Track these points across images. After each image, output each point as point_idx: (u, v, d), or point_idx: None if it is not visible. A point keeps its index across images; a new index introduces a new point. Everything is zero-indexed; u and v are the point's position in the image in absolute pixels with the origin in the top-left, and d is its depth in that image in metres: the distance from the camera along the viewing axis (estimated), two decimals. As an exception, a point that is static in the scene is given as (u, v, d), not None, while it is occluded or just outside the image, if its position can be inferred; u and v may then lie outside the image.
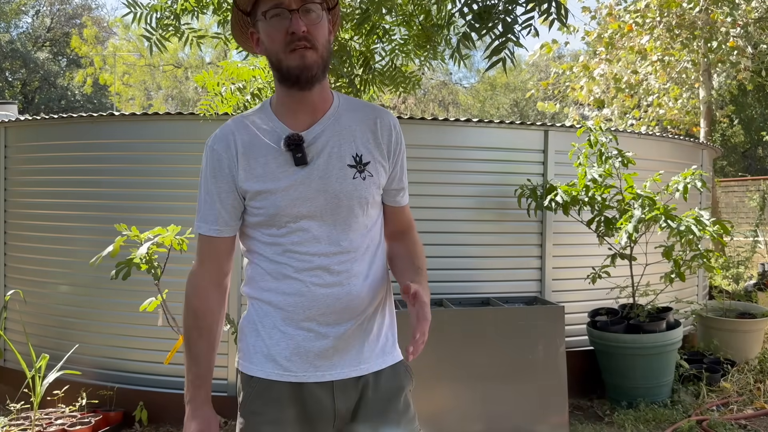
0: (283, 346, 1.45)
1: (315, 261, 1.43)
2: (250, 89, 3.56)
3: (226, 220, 1.47)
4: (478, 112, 24.06)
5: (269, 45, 1.40)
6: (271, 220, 1.43)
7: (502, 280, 4.42)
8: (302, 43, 1.36)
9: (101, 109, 21.97)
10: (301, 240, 1.43)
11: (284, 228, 1.43)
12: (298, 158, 1.41)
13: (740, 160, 20.23)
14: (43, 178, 4.52)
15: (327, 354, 1.44)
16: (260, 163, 1.43)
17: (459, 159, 4.37)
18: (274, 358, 1.45)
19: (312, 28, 1.37)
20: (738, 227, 10.25)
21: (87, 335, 4.28)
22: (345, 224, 1.45)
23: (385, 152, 1.50)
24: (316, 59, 1.38)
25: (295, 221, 1.42)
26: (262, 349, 1.47)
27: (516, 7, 2.07)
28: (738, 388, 4.50)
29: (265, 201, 1.42)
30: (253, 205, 1.44)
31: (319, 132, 1.45)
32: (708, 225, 3.89)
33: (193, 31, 3.07)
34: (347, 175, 1.44)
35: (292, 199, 1.41)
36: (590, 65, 10.25)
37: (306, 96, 1.44)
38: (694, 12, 8.54)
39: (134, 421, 4.00)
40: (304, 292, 1.43)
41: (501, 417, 3.62)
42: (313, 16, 1.38)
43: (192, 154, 4.17)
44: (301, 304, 1.43)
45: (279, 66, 1.40)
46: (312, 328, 1.44)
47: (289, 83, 1.41)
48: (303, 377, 1.44)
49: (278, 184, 1.41)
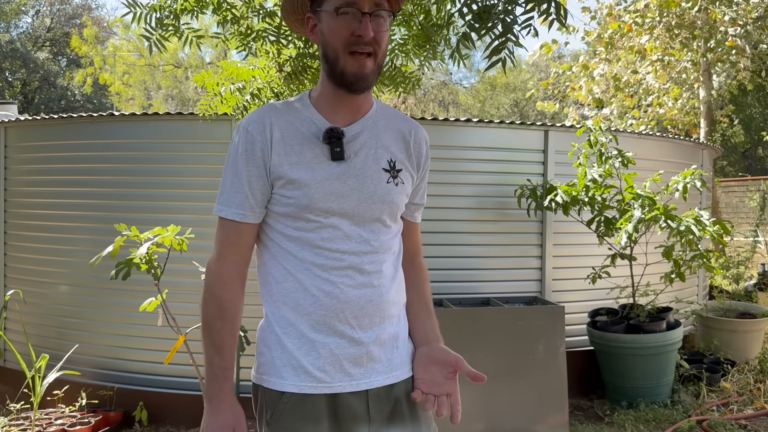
0: (314, 356, 1.36)
1: (346, 259, 1.37)
2: (249, 89, 3.56)
3: (252, 206, 1.38)
4: (478, 112, 24.06)
5: (331, 39, 1.36)
6: (300, 212, 1.37)
7: (502, 280, 4.42)
8: (367, 48, 1.34)
9: (101, 109, 21.98)
10: (332, 237, 1.37)
11: (313, 223, 1.37)
12: (337, 153, 1.37)
13: (740, 160, 20.23)
14: (43, 178, 4.52)
15: (361, 361, 1.38)
16: (296, 151, 1.37)
17: (459, 159, 4.37)
18: (307, 370, 1.36)
19: (378, 34, 1.35)
20: (738, 227, 10.26)
21: (87, 335, 4.28)
22: (375, 226, 1.42)
23: (415, 164, 1.50)
24: (373, 68, 1.37)
25: (326, 217, 1.37)
26: (290, 361, 1.37)
27: (515, 8, 2.06)
28: (738, 388, 4.50)
29: (297, 191, 1.36)
30: (283, 194, 1.37)
31: (359, 131, 1.42)
32: (708, 225, 3.88)
33: (192, 30, 3.06)
34: (382, 178, 1.42)
35: (326, 193, 1.36)
36: (590, 65, 10.25)
37: (353, 98, 1.42)
38: (693, 12, 8.54)
39: (134, 421, 4.00)
40: (336, 293, 1.36)
41: (501, 417, 3.62)
42: (381, 22, 1.36)
43: (192, 154, 4.18)
44: (332, 307, 1.36)
45: (335, 64, 1.37)
46: (345, 333, 1.37)
47: (339, 84, 1.39)
48: (338, 388, 1.37)
49: (313, 175, 1.36)
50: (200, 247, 3.99)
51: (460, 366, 1.39)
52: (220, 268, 1.40)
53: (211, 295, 1.41)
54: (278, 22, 3.09)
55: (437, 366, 1.42)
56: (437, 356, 1.43)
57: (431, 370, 1.42)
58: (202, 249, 4.01)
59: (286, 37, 3.12)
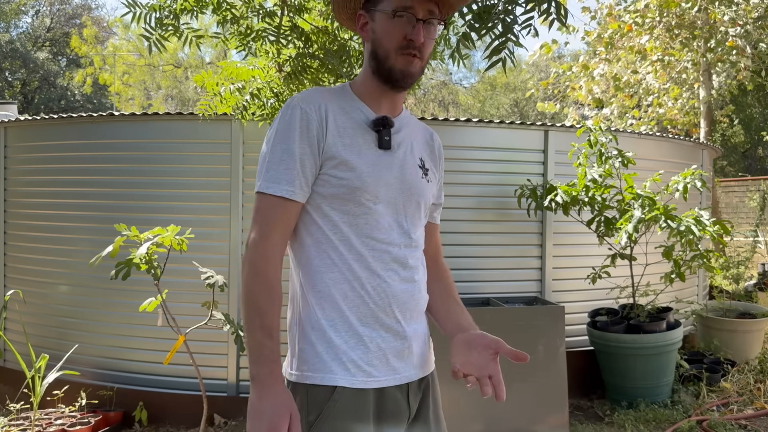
0: (363, 350, 1.36)
1: (392, 252, 1.39)
2: (249, 89, 3.56)
3: (301, 184, 1.35)
4: (478, 112, 24.06)
5: (383, 39, 1.40)
6: (351, 193, 1.36)
7: (502, 280, 4.42)
8: (415, 52, 1.39)
9: (101, 109, 21.98)
10: (379, 225, 1.38)
11: (363, 207, 1.37)
12: (386, 141, 1.41)
13: (740, 160, 20.23)
14: (43, 178, 4.52)
15: (403, 355, 1.40)
16: (348, 134, 1.39)
17: (459, 159, 4.37)
18: (357, 364, 1.35)
19: (427, 41, 1.40)
20: (738, 227, 10.27)
21: (87, 335, 4.28)
22: (414, 219, 1.46)
23: (437, 165, 1.59)
24: (420, 69, 1.43)
25: (375, 203, 1.38)
26: (339, 356, 1.34)
27: (516, 7, 2.06)
28: (738, 388, 4.50)
29: (349, 172, 1.36)
30: (334, 174, 1.36)
31: (400, 126, 1.48)
32: (708, 225, 3.88)
33: (192, 30, 3.06)
34: (418, 173, 1.48)
35: (376, 177, 1.38)
36: (590, 65, 10.25)
37: (394, 95, 1.47)
38: (693, 12, 8.55)
39: (134, 421, 3.99)
40: (384, 287, 1.37)
41: (501, 417, 3.62)
42: (431, 29, 1.41)
43: (192, 154, 4.18)
44: (380, 301, 1.37)
45: (384, 62, 1.40)
46: (391, 327, 1.38)
47: (385, 80, 1.42)
48: (385, 381, 1.37)
49: (364, 159, 1.38)
50: (200, 247, 4.00)
51: (501, 347, 1.39)
52: (267, 247, 1.33)
53: (258, 276, 1.32)
54: (278, 22, 3.09)
55: (477, 350, 1.41)
56: (477, 341, 1.42)
57: (472, 355, 1.41)
58: (202, 249, 4.01)
59: (286, 37, 3.12)
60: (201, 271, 3.31)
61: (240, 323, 3.85)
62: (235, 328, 3.25)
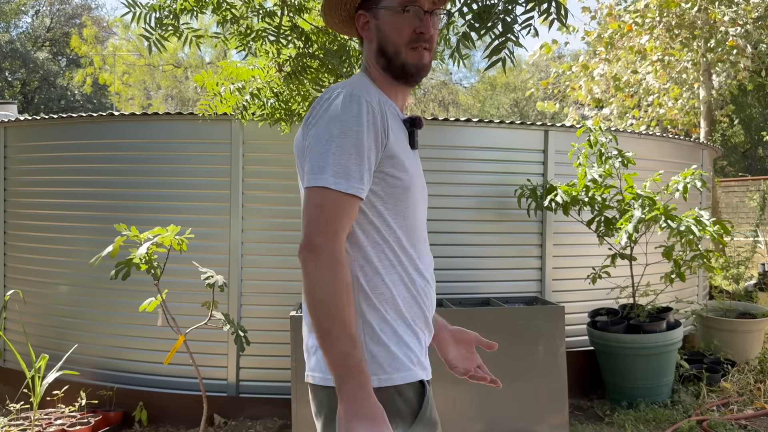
0: (419, 347, 1.38)
1: (428, 254, 1.44)
2: (249, 89, 3.56)
3: (367, 181, 1.27)
4: (478, 112, 24.06)
5: (392, 35, 1.39)
6: (404, 194, 1.33)
7: (502, 280, 4.42)
8: (426, 44, 1.40)
9: (101, 109, 21.98)
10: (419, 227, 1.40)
11: (409, 208, 1.36)
12: (416, 141, 1.42)
13: (740, 160, 20.23)
14: (43, 178, 4.52)
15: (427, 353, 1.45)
16: (396, 131, 1.35)
17: (459, 159, 4.37)
18: (420, 360, 1.36)
19: (435, 32, 1.42)
20: (738, 227, 10.27)
21: (86, 335, 4.28)
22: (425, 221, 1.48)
23: None
24: (430, 61, 1.44)
25: (416, 204, 1.38)
26: (408, 354, 1.33)
27: (516, 7, 2.06)
28: (738, 388, 4.50)
29: (404, 173, 1.33)
30: (391, 173, 1.31)
31: None
32: (708, 225, 3.88)
33: (192, 30, 3.07)
34: None
35: (416, 179, 1.39)
36: (590, 65, 10.25)
37: (406, 91, 1.47)
38: (693, 12, 8.54)
39: (134, 421, 3.99)
40: (427, 290, 1.40)
41: (501, 417, 3.62)
42: (437, 20, 1.43)
43: (192, 154, 4.18)
44: (424, 303, 1.39)
45: (395, 58, 1.39)
46: (429, 326, 1.43)
47: (398, 76, 1.41)
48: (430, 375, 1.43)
49: (409, 160, 1.37)
50: (200, 247, 4.00)
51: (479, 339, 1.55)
52: (340, 249, 1.22)
53: (341, 279, 1.20)
54: (278, 22, 3.09)
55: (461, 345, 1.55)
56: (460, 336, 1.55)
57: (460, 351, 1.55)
58: (202, 249, 4.01)
59: (286, 37, 3.12)
60: (201, 271, 3.31)
61: (240, 323, 3.84)
62: (235, 328, 3.25)
